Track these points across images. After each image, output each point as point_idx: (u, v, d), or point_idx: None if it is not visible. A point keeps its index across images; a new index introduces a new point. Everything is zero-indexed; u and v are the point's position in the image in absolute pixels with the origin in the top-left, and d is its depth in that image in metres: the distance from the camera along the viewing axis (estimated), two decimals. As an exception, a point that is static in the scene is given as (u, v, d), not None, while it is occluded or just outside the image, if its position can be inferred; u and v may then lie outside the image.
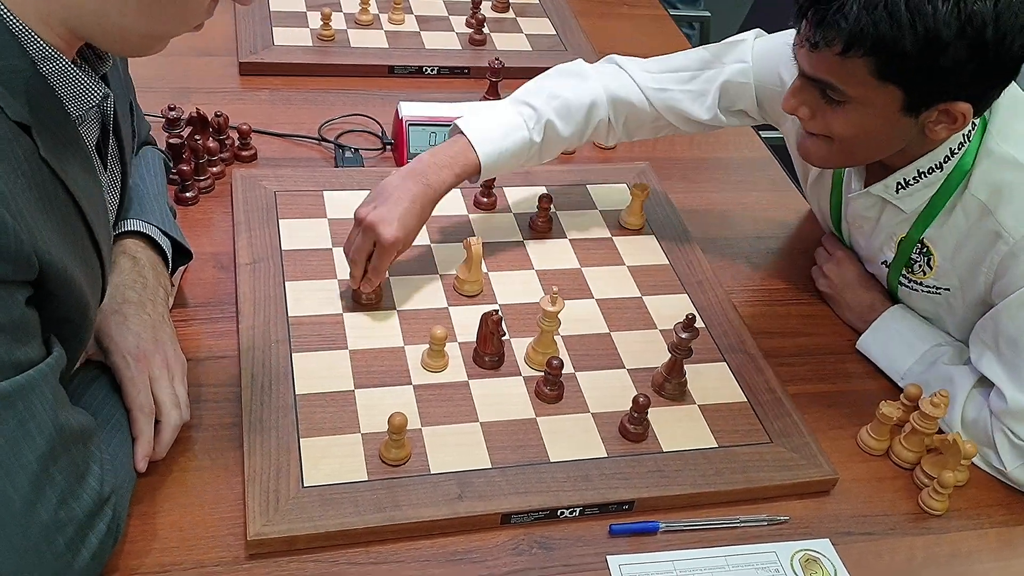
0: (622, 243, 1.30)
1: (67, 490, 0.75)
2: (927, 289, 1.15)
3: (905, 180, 1.09)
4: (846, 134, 1.02)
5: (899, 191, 1.10)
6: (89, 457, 0.78)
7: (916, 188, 1.09)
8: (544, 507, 0.95)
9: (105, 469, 0.80)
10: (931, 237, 1.11)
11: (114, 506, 0.80)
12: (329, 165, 1.38)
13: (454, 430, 1.01)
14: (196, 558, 0.87)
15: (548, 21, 1.79)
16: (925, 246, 1.12)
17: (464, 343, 1.10)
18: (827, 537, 0.98)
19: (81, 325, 0.81)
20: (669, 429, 1.04)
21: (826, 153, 1.07)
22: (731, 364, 1.14)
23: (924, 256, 1.12)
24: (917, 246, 1.13)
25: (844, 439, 1.10)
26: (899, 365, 1.16)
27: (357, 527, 0.90)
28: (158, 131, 1.29)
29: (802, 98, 1.03)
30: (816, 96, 1.02)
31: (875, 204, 1.15)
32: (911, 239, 1.13)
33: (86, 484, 0.77)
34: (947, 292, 1.13)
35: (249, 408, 0.99)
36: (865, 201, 1.16)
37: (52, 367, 0.74)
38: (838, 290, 1.25)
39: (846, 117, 1.00)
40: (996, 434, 1.05)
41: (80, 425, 0.77)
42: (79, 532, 0.76)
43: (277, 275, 1.15)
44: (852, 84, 0.97)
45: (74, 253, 0.77)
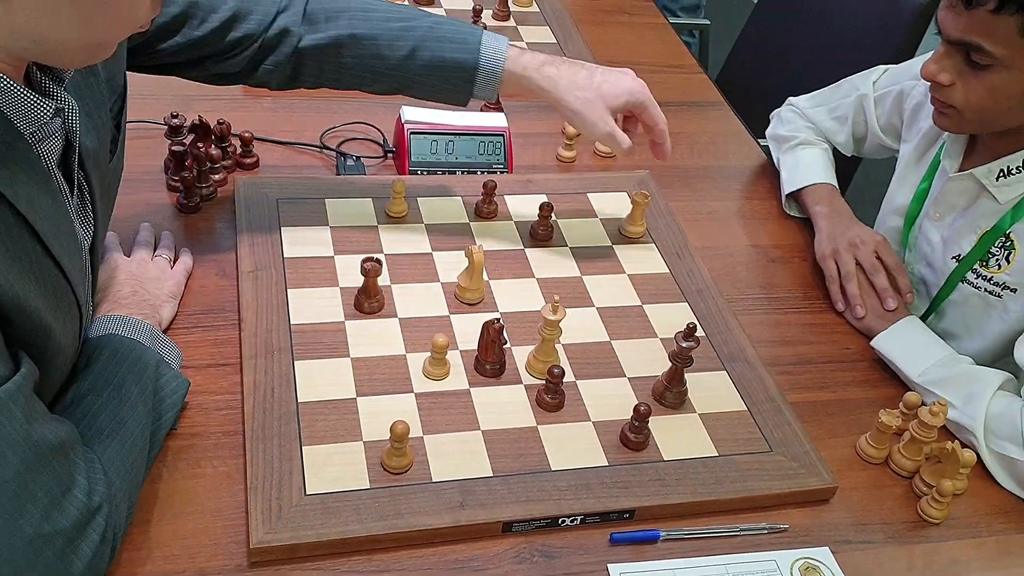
0: (623, 251, 1.30)
1: (50, 504, 0.75)
2: (991, 287, 1.16)
3: (1009, 168, 1.12)
4: (986, 98, 1.06)
5: (999, 179, 1.13)
6: (73, 469, 0.78)
7: (1017, 178, 1.12)
8: (545, 515, 0.95)
9: (94, 479, 0.79)
10: (1019, 231, 1.13)
11: (107, 515, 0.80)
12: (331, 173, 1.38)
13: (455, 438, 1.01)
14: (198, 566, 0.88)
15: (548, 29, 1.80)
16: (1010, 239, 1.14)
17: (465, 351, 1.11)
18: (827, 545, 0.99)
19: (45, 348, 0.80)
20: (670, 438, 1.05)
21: (959, 116, 1.11)
22: (731, 373, 1.14)
23: (1006, 250, 1.14)
24: (1002, 238, 1.14)
25: (843, 447, 1.10)
26: (919, 363, 1.16)
27: (359, 535, 0.91)
28: (160, 138, 1.29)
29: (944, 64, 1.08)
30: (959, 62, 1.06)
31: (969, 191, 1.17)
32: (997, 230, 1.15)
33: (71, 496, 0.76)
34: (1010, 294, 1.15)
35: (251, 416, 0.99)
36: (960, 186, 1.18)
37: (20, 384, 0.74)
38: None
39: (989, 80, 1.05)
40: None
41: (58, 438, 0.77)
42: (68, 544, 0.76)
43: (279, 283, 1.15)
44: (1000, 44, 1.01)
45: (26, 275, 0.75)
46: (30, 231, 0.76)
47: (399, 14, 1.15)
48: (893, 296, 1.24)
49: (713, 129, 1.65)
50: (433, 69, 1.13)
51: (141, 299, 1.03)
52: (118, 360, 0.90)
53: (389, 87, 1.18)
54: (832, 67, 1.54)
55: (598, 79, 1.15)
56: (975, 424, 1.08)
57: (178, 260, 1.16)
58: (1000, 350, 1.18)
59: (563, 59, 1.17)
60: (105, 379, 0.89)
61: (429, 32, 1.13)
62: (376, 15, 1.13)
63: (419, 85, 1.17)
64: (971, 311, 1.19)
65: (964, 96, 1.09)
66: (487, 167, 1.41)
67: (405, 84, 1.17)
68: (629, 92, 1.16)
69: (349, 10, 1.13)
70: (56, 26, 0.71)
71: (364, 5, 1.14)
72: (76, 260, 0.84)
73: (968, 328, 1.20)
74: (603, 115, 1.15)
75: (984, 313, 1.18)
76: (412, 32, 1.13)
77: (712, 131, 1.64)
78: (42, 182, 0.78)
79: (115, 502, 0.82)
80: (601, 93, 1.14)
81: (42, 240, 0.77)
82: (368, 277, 1.12)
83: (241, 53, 1.10)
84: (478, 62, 1.13)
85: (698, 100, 1.72)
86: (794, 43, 1.98)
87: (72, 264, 0.83)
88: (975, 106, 1.09)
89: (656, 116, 1.18)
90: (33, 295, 0.76)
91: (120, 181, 1.04)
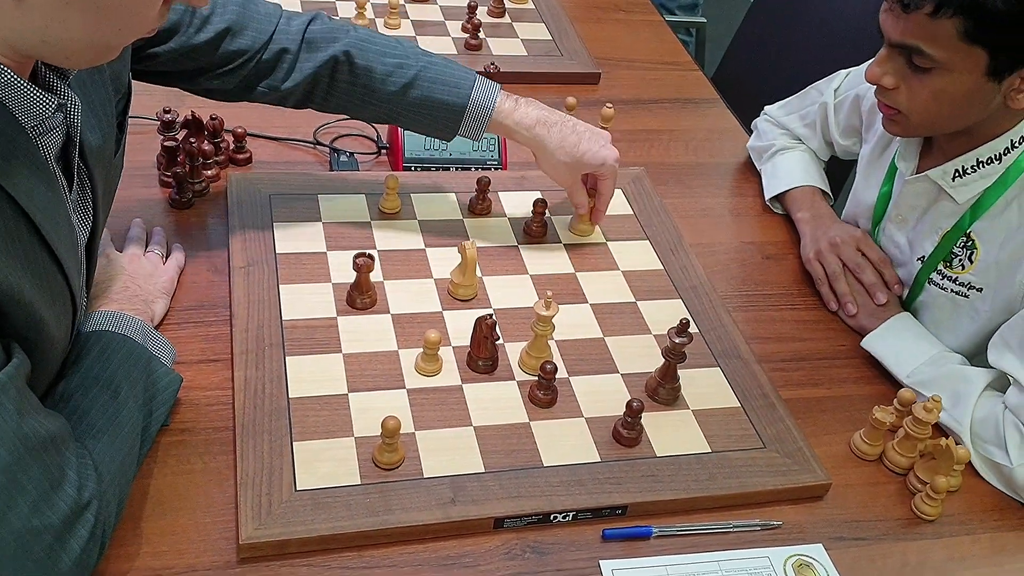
0: (616, 248, 1.30)
1: (40, 498, 0.74)
2: (957, 288, 1.16)
3: (964, 168, 1.11)
4: (930, 101, 1.06)
5: (955, 179, 1.12)
6: (64, 463, 0.77)
7: (973, 178, 1.11)
8: (537, 511, 0.95)
9: (85, 474, 0.79)
10: (978, 230, 1.13)
11: (97, 511, 0.79)
12: (324, 169, 1.38)
13: (447, 434, 1.01)
14: (188, 562, 0.87)
15: (544, 26, 1.79)
16: (971, 239, 1.13)
17: (458, 347, 1.10)
18: (820, 542, 0.98)
19: (38, 340, 0.79)
20: (662, 434, 1.04)
21: (905, 121, 1.11)
22: (725, 369, 1.14)
23: (967, 250, 1.14)
24: (963, 239, 1.14)
25: (837, 444, 1.10)
26: (908, 363, 1.16)
27: (350, 531, 0.90)
28: (153, 134, 1.29)
29: (887, 67, 1.07)
30: (902, 64, 1.06)
31: (928, 192, 1.17)
32: (958, 230, 1.14)
33: (61, 491, 0.76)
34: (976, 293, 1.14)
35: (242, 411, 0.98)
36: (918, 187, 1.18)
37: (11, 376, 0.73)
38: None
39: (931, 83, 1.04)
40: (1008, 429, 1.04)
41: (50, 432, 0.76)
42: (57, 539, 0.75)
43: (271, 278, 1.15)
44: (940, 47, 1.00)
45: (21, 267, 0.75)
46: (28, 223, 0.76)
47: (396, 50, 1.16)
48: (882, 290, 1.24)
49: (708, 126, 1.65)
50: (422, 107, 1.16)
51: (133, 295, 1.03)
52: (108, 356, 0.90)
53: (376, 116, 1.20)
54: (828, 65, 1.53)
55: (583, 148, 1.20)
56: (961, 428, 1.08)
57: (170, 256, 1.15)
58: (975, 349, 1.17)
59: (556, 118, 1.20)
60: (95, 375, 0.88)
61: (423, 72, 1.15)
62: (373, 47, 1.15)
63: (406, 119, 1.19)
64: (941, 312, 1.19)
65: (908, 99, 1.08)
66: (481, 164, 1.41)
67: (393, 116, 1.19)
68: (603, 164, 1.21)
69: (348, 37, 1.14)
70: (65, 28, 0.71)
71: (364, 35, 1.16)
72: (72, 253, 0.84)
73: (940, 328, 1.19)
74: (576, 179, 1.24)
75: (953, 313, 1.18)
76: (406, 70, 1.15)
77: (707, 128, 1.64)
78: (42, 175, 0.79)
79: (105, 498, 0.81)
80: (582, 162, 1.21)
81: (40, 232, 0.77)
82: (360, 273, 1.11)
83: (235, 70, 1.11)
84: (466, 107, 1.16)
85: (693, 97, 1.71)
86: (790, 41, 1.97)
87: (68, 257, 0.82)
88: (920, 109, 1.08)
89: (609, 189, 1.25)
90: (28, 287, 0.75)
91: (120, 178, 1.04)
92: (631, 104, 1.65)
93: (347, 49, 1.13)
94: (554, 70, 1.67)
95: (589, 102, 1.56)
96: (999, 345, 1.09)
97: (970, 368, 1.13)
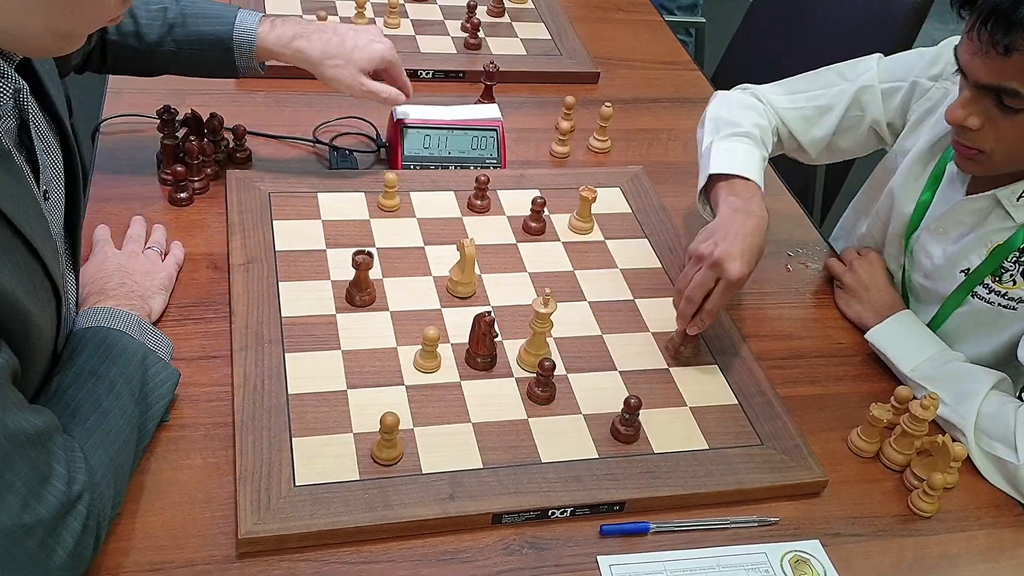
0: (615, 246, 1.30)
1: (29, 494, 0.74)
2: (1005, 302, 1.14)
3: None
4: (1018, 141, 1.03)
5: (1020, 199, 1.11)
6: (51, 458, 0.77)
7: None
8: (535, 507, 0.95)
9: (74, 468, 0.79)
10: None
11: (89, 504, 0.79)
12: (323, 167, 1.38)
13: (446, 430, 1.01)
14: (187, 556, 0.87)
15: (543, 26, 1.80)
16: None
17: (457, 344, 1.10)
18: (817, 538, 0.99)
19: (25, 333, 0.79)
20: (660, 430, 1.05)
21: (988, 161, 1.08)
22: (722, 366, 1.14)
23: (1020, 264, 1.12)
24: (1015, 254, 1.12)
25: (834, 441, 1.10)
26: (912, 358, 1.15)
27: (348, 527, 0.90)
28: (153, 132, 1.29)
29: (973, 108, 1.03)
30: (990, 105, 1.02)
31: (983, 209, 1.15)
32: (1010, 246, 1.13)
33: (49, 486, 0.76)
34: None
35: (241, 407, 0.99)
36: (973, 206, 1.15)
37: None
38: (864, 286, 1.26)
39: (1021, 123, 1.01)
40: (1020, 426, 1.04)
41: (36, 428, 0.76)
42: (49, 533, 0.76)
43: (271, 276, 1.15)
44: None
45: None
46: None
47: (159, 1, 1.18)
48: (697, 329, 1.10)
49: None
50: (192, 44, 1.18)
51: (130, 290, 1.03)
52: (103, 351, 0.90)
53: (153, 66, 1.22)
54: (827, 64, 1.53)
55: (349, 45, 1.21)
56: (965, 423, 1.08)
57: (169, 253, 1.16)
58: (1005, 354, 1.17)
59: (314, 27, 1.22)
60: (89, 370, 0.88)
61: (185, 10, 1.18)
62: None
63: (182, 62, 1.21)
64: (981, 322, 1.17)
65: (995, 140, 1.05)
66: (480, 162, 1.41)
67: (168, 61, 1.21)
68: (380, 56, 1.23)
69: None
70: (25, 9, 0.71)
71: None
72: (47, 240, 0.84)
73: (976, 336, 1.18)
74: (357, 78, 1.22)
75: (995, 323, 1.16)
76: (168, 12, 1.17)
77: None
78: (3, 163, 0.78)
79: (98, 491, 0.81)
80: (353, 59, 1.21)
81: (11, 222, 0.76)
82: (359, 270, 1.12)
83: None
84: (232, 35, 1.18)
85: (692, 97, 1.72)
86: (789, 42, 1.98)
87: (43, 243, 0.82)
88: (1006, 149, 1.05)
89: (401, 72, 1.27)
90: (7, 279, 0.75)
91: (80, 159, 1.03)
92: (630, 103, 1.65)
93: None
94: (553, 69, 1.68)
95: (588, 101, 1.57)
96: None
97: (977, 367, 1.13)
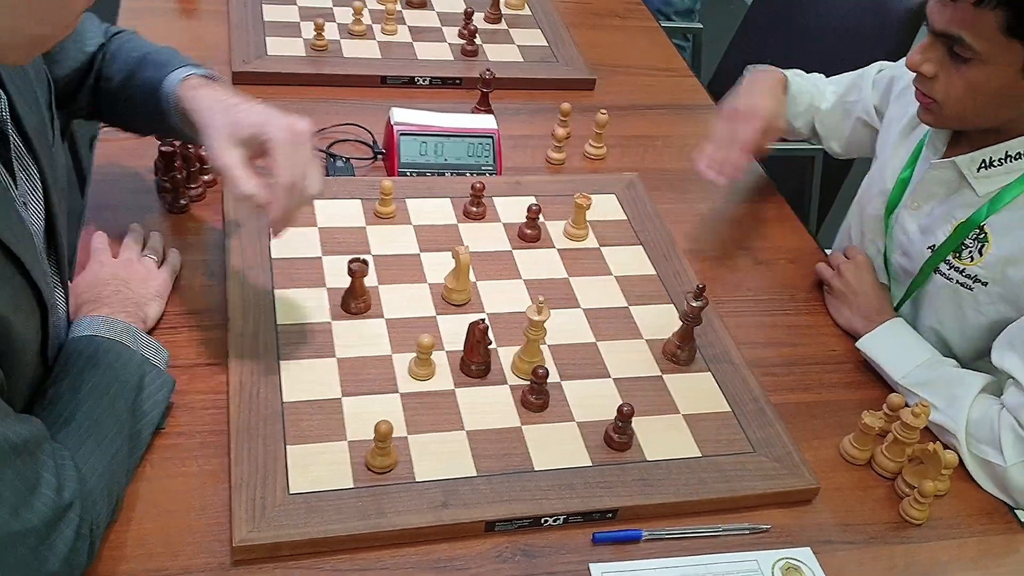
0: (609, 253, 1.31)
1: (17, 503, 0.75)
2: (963, 280, 1.17)
3: (990, 159, 1.13)
4: (965, 93, 1.08)
5: (980, 170, 1.15)
6: (39, 466, 0.78)
7: (997, 171, 1.13)
8: (528, 515, 0.96)
9: (64, 476, 0.80)
10: (992, 224, 1.14)
11: (80, 511, 0.80)
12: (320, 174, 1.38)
13: (440, 438, 1.02)
14: (181, 564, 0.88)
15: (540, 32, 1.80)
16: (984, 232, 1.15)
17: (451, 352, 1.11)
18: (808, 546, 0.99)
19: (8, 344, 0.79)
20: (653, 438, 1.05)
21: (939, 111, 1.13)
22: (716, 374, 1.15)
23: (979, 242, 1.15)
24: (976, 231, 1.15)
25: (826, 449, 1.11)
26: (903, 365, 1.16)
27: (342, 534, 0.91)
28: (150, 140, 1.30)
29: (928, 55, 1.10)
30: (943, 54, 1.08)
31: (949, 181, 1.19)
32: (972, 222, 1.16)
33: (38, 494, 0.77)
34: (981, 287, 1.16)
35: (237, 415, 0.99)
36: (941, 174, 1.19)
37: None
38: (852, 290, 1.27)
39: (969, 74, 1.07)
40: (1003, 429, 1.05)
41: (21, 437, 0.77)
42: (41, 541, 0.76)
43: (266, 283, 1.16)
44: (980, 38, 1.03)
45: None
46: None
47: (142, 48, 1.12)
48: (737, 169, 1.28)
49: (703, 132, 1.63)
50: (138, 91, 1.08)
51: (125, 298, 1.03)
52: (96, 360, 0.91)
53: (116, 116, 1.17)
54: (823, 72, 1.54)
55: (242, 107, 0.97)
56: (957, 428, 1.09)
57: (165, 260, 1.16)
58: (980, 344, 1.18)
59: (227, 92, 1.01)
60: (83, 379, 0.89)
61: (148, 56, 1.09)
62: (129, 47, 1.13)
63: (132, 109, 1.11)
64: (944, 302, 1.20)
65: (945, 89, 1.10)
66: (476, 169, 1.42)
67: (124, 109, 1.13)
68: (260, 125, 0.94)
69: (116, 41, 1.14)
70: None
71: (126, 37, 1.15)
72: (30, 249, 0.84)
73: (943, 320, 1.21)
74: (221, 141, 0.94)
75: (956, 305, 1.19)
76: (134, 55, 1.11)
77: (701, 134, 1.62)
78: None
79: (91, 498, 0.82)
80: (231, 118, 0.95)
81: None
82: (355, 278, 1.12)
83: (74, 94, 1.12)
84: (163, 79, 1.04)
85: (688, 103, 1.72)
86: (786, 48, 1.98)
87: (26, 253, 0.82)
88: (955, 100, 1.10)
89: (281, 165, 0.92)
90: None
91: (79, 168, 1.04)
92: (626, 110, 1.66)
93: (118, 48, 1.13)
94: (550, 76, 1.68)
95: (584, 108, 1.57)
96: (1003, 345, 1.11)
97: (966, 371, 1.14)
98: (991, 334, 1.15)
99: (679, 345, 1.14)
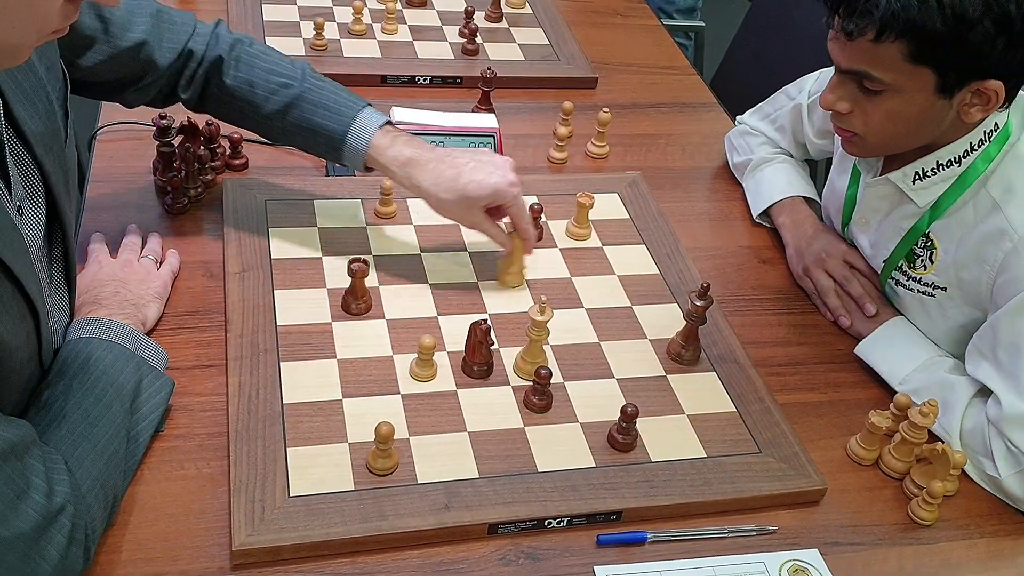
0: (612, 253, 1.29)
1: (5, 508, 0.74)
2: (922, 288, 1.16)
3: (923, 171, 1.12)
4: (885, 122, 1.07)
5: (916, 182, 1.13)
6: (28, 471, 0.77)
7: (933, 180, 1.11)
8: (531, 517, 0.94)
9: (55, 480, 0.79)
10: (937, 230, 1.13)
11: (73, 516, 0.79)
12: (320, 174, 1.38)
13: (442, 440, 1.00)
14: (180, 568, 0.87)
15: (541, 31, 1.79)
16: (930, 239, 1.14)
17: (453, 352, 1.10)
18: (816, 547, 0.98)
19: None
20: (657, 439, 1.04)
21: (863, 143, 1.11)
22: (721, 374, 1.13)
23: (927, 250, 1.14)
24: (922, 239, 1.14)
25: (833, 449, 1.09)
26: (899, 370, 1.15)
27: (343, 537, 0.90)
28: (149, 140, 1.29)
29: (840, 93, 1.08)
30: (854, 89, 1.06)
31: (889, 196, 1.18)
32: (917, 230, 1.15)
33: (28, 499, 0.75)
34: (942, 293, 1.14)
35: (236, 417, 0.98)
36: (880, 191, 1.18)
37: None
38: None
39: (884, 105, 1.05)
40: (993, 441, 1.04)
41: (8, 443, 0.75)
42: (31, 547, 0.75)
43: (266, 284, 1.15)
44: (887, 70, 1.01)
45: None
46: None
47: (285, 70, 1.15)
48: (871, 301, 1.22)
49: (705, 131, 1.64)
50: (302, 130, 1.15)
51: (124, 299, 1.02)
52: (92, 363, 0.90)
53: (260, 131, 1.19)
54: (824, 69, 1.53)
55: (464, 180, 1.11)
56: (951, 438, 1.08)
57: (164, 261, 1.15)
58: (954, 348, 1.17)
59: (432, 155, 1.13)
60: (78, 381, 0.88)
61: (306, 94, 1.14)
62: (262, 63, 1.14)
63: (288, 138, 1.18)
64: (915, 313, 1.19)
65: (864, 122, 1.08)
66: (477, 168, 1.40)
67: (275, 134, 1.19)
68: (494, 191, 1.12)
69: (240, 49, 1.14)
70: None
71: (258, 50, 1.16)
72: (22, 256, 0.82)
73: (920, 328, 1.20)
74: (469, 213, 1.14)
75: (925, 314, 1.18)
76: (289, 90, 1.13)
77: (704, 132, 1.64)
78: None
79: (85, 503, 0.81)
80: (466, 194, 1.11)
81: None
82: (355, 278, 1.11)
83: (155, 82, 1.12)
84: (345, 137, 1.13)
85: (691, 101, 1.71)
86: (788, 46, 1.97)
87: (17, 260, 0.80)
88: (876, 131, 1.08)
89: (519, 214, 1.16)
90: None
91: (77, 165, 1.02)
92: (628, 108, 1.65)
93: (238, 56, 1.13)
94: (551, 75, 1.67)
95: (586, 106, 1.56)
96: (974, 354, 1.09)
97: (956, 377, 1.12)
98: (966, 334, 1.13)
99: (683, 345, 1.13)
